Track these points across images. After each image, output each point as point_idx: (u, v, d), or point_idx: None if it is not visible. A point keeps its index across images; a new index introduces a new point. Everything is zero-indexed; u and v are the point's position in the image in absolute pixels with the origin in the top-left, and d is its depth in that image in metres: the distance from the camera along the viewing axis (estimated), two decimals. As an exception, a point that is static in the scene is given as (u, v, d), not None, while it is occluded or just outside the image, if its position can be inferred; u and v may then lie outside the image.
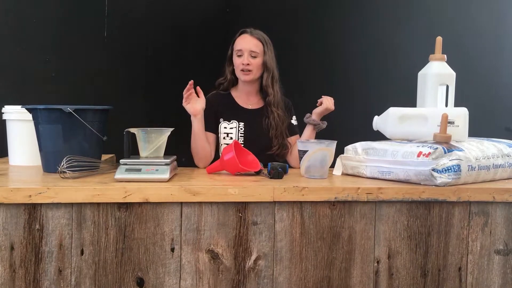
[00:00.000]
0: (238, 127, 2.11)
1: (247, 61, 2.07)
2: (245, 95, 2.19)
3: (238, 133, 2.11)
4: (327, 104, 2.03)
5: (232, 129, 2.11)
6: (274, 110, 2.12)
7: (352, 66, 2.90)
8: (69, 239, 1.37)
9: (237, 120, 2.13)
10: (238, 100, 2.18)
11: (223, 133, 2.11)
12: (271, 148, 2.11)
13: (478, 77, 2.97)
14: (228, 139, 2.10)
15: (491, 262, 1.51)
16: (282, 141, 2.13)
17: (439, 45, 1.78)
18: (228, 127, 2.12)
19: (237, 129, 2.11)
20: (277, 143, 2.11)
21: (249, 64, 2.07)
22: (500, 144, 1.67)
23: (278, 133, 2.12)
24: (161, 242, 1.40)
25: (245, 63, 2.07)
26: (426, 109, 1.73)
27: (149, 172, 1.47)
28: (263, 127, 2.12)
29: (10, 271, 1.35)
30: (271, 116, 2.12)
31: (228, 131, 2.11)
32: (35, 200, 1.33)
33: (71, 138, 1.63)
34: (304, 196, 1.42)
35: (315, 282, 1.45)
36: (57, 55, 2.66)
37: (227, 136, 2.11)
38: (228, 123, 2.12)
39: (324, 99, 2.05)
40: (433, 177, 1.46)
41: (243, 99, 2.19)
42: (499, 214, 1.51)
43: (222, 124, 2.12)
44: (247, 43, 2.10)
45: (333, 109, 2.04)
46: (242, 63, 2.08)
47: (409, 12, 2.95)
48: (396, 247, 1.48)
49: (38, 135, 1.68)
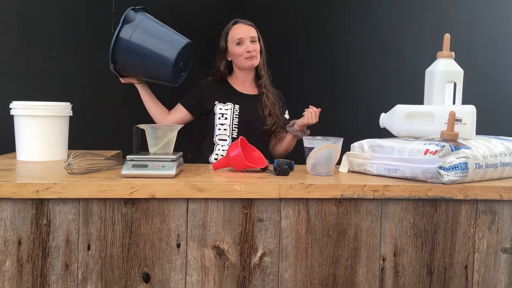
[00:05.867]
0: (234, 109, 2.15)
1: (251, 47, 2.15)
2: (241, 82, 2.25)
3: (233, 114, 2.15)
4: (308, 119, 2.06)
5: (227, 110, 2.15)
6: (266, 91, 2.20)
7: (359, 63, 2.89)
8: (76, 234, 1.37)
9: (233, 103, 2.17)
10: (234, 86, 2.25)
11: (218, 114, 2.15)
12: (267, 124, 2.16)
13: (486, 75, 2.95)
14: (223, 119, 2.15)
15: (497, 261, 1.51)
16: (276, 119, 2.18)
17: (447, 43, 1.77)
18: (223, 108, 2.16)
19: (232, 110, 2.15)
20: (272, 120, 2.17)
21: (253, 50, 2.15)
22: (508, 142, 1.66)
23: (272, 112, 2.18)
24: (167, 238, 1.40)
25: (250, 49, 2.14)
26: (433, 107, 1.72)
27: (156, 168, 1.48)
28: (258, 110, 2.18)
29: (18, 265, 1.36)
30: (264, 96, 2.20)
31: (223, 111, 2.15)
32: (42, 195, 1.34)
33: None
34: (310, 193, 1.42)
35: (321, 279, 1.45)
36: (65, 51, 2.67)
37: (222, 116, 2.15)
38: (223, 105, 2.16)
39: (307, 112, 2.08)
40: (440, 175, 1.45)
41: (239, 86, 2.25)
42: (506, 212, 1.50)
43: (218, 106, 2.17)
44: (246, 31, 2.17)
45: (315, 121, 2.07)
46: (246, 51, 2.14)
47: (417, 9, 2.93)
48: (402, 245, 1.47)
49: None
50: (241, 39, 2.14)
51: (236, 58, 2.18)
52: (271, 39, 2.83)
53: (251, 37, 2.16)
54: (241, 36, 2.14)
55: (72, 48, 2.67)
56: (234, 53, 2.17)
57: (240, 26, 2.19)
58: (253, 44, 2.16)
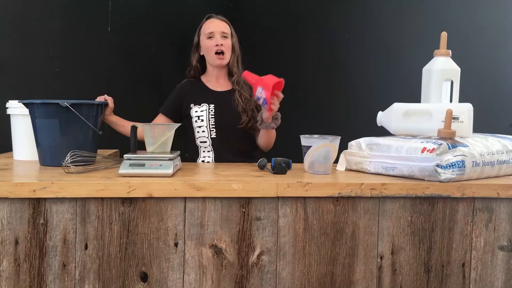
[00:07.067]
0: (209, 109, 2.14)
1: (220, 41, 2.13)
2: (215, 79, 2.24)
3: (209, 115, 2.14)
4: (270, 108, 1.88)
5: (202, 111, 2.14)
6: (239, 88, 2.17)
7: (356, 61, 2.89)
8: (73, 233, 1.37)
9: (207, 103, 2.16)
10: (208, 84, 2.23)
11: (194, 117, 2.15)
12: (240, 123, 2.13)
13: (483, 73, 2.96)
14: (200, 122, 2.14)
15: (495, 258, 1.51)
16: (251, 114, 2.15)
17: (444, 41, 1.77)
18: (199, 110, 2.15)
19: (207, 111, 2.14)
20: (247, 116, 2.14)
21: (222, 44, 2.13)
22: (505, 140, 1.66)
23: (247, 107, 2.15)
24: (164, 237, 1.40)
25: (219, 43, 2.13)
26: (430, 105, 1.72)
27: (153, 167, 1.47)
28: (233, 107, 2.16)
29: (15, 265, 1.36)
30: (237, 93, 2.17)
31: (199, 114, 2.14)
32: (39, 194, 1.33)
33: (68, 132, 1.66)
34: (307, 191, 1.42)
35: (318, 277, 1.45)
36: (61, 50, 2.66)
37: (199, 119, 2.14)
38: (199, 107, 2.16)
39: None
40: (437, 173, 1.45)
41: (212, 83, 2.24)
42: (503, 210, 1.50)
43: (193, 109, 2.16)
44: (217, 25, 2.16)
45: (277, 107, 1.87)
46: (215, 44, 2.13)
47: (414, 7, 2.93)
48: (400, 243, 1.48)
49: (35, 130, 1.70)
50: (212, 33, 2.14)
51: (207, 52, 2.17)
52: (268, 38, 2.83)
53: (222, 32, 2.14)
54: (212, 30, 2.14)
55: (69, 48, 2.66)
56: (204, 46, 2.17)
57: (212, 20, 2.19)
58: (223, 39, 2.14)
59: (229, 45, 2.17)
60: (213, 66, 2.20)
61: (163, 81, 2.71)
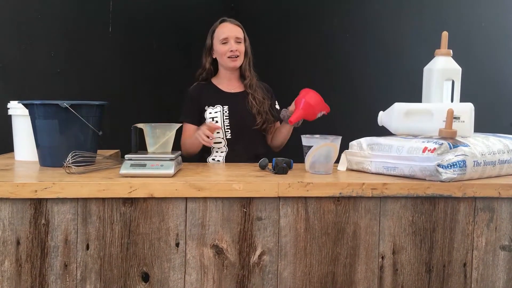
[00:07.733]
0: (223, 110, 2.14)
1: (235, 47, 2.14)
2: (227, 81, 2.24)
3: (223, 116, 2.14)
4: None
5: (216, 113, 2.14)
6: (252, 91, 2.19)
7: (357, 61, 2.89)
8: (75, 234, 1.37)
9: (221, 104, 2.16)
10: (220, 86, 2.23)
11: (208, 118, 2.14)
12: (256, 124, 2.15)
13: (484, 73, 2.96)
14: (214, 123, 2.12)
15: (496, 258, 1.51)
16: (266, 116, 2.17)
17: (445, 40, 1.77)
18: (213, 111, 2.14)
19: (222, 112, 2.14)
20: (261, 118, 2.16)
21: (237, 50, 2.14)
22: (506, 139, 1.66)
23: (261, 110, 2.16)
24: (166, 237, 1.40)
25: (234, 49, 2.13)
26: (431, 105, 1.72)
27: (154, 168, 1.47)
28: (246, 108, 2.17)
29: (16, 265, 1.36)
30: (251, 96, 2.18)
31: (213, 115, 2.14)
32: (40, 195, 1.33)
33: (68, 133, 1.66)
34: (308, 191, 1.42)
35: (320, 277, 1.45)
36: (63, 50, 2.66)
37: (213, 120, 2.14)
38: (212, 108, 2.15)
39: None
40: (439, 173, 1.45)
41: (224, 85, 2.23)
42: (505, 210, 1.50)
43: (208, 110, 2.15)
44: (231, 30, 2.16)
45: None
46: (230, 50, 2.13)
47: (415, 6, 2.93)
48: (401, 242, 1.47)
49: (35, 130, 1.70)
50: (226, 38, 2.14)
51: (220, 56, 2.17)
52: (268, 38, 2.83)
53: (236, 37, 2.15)
54: (227, 35, 2.14)
55: (69, 48, 2.67)
56: (218, 51, 2.17)
57: (226, 25, 2.18)
58: (237, 44, 2.15)
59: (242, 50, 2.18)
60: (225, 69, 2.21)
61: (164, 81, 2.71)
